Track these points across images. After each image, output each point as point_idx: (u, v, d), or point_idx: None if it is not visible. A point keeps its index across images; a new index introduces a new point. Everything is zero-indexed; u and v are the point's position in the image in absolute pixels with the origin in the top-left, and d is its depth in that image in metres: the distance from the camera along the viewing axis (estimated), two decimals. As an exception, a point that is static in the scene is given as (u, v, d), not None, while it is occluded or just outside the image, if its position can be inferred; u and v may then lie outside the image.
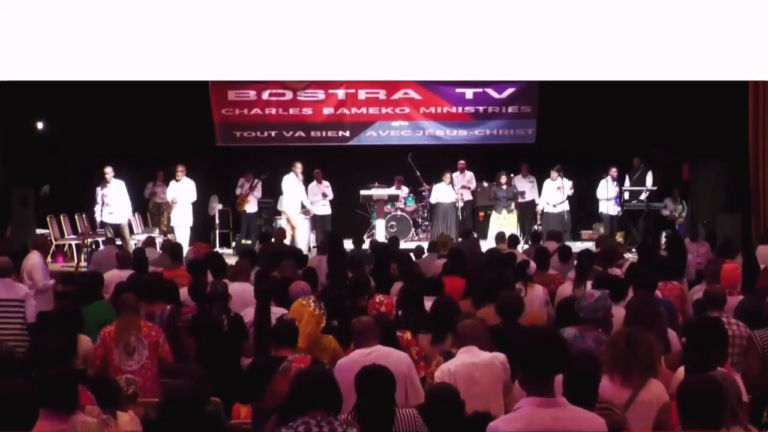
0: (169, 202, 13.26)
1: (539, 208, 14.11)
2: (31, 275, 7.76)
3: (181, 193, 12.97)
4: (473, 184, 14.50)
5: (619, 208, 13.89)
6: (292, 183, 13.30)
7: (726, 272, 6.61)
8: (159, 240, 12.25)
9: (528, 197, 14.29)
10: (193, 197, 13.12)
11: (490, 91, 15.36)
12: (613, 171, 13.84)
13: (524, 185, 14.36)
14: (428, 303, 5.78)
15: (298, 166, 13.39)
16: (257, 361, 5.03)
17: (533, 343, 3.15)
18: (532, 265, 7.26)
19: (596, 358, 3.93)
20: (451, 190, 14.10)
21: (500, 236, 10.86)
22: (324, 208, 14.06)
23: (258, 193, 14.39)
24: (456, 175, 14.36)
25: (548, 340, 3.18)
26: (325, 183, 14.13)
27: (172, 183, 13.15)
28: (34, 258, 7.97)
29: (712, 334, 4.32)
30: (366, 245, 11.08)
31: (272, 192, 14.37)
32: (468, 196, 14.37)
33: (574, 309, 5.05)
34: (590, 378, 3.65)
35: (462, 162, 14.49)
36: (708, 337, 4.25)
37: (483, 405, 3.86)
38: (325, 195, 14.02)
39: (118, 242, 11.51)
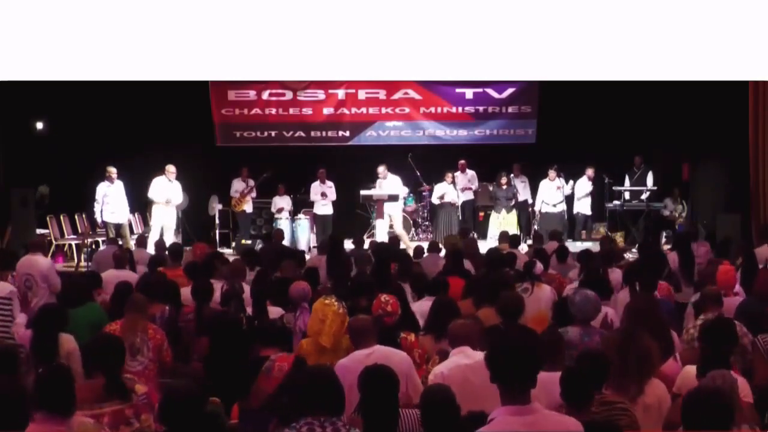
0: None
1: (536, 209, 14.08)
2: (47, 278, 7.73)
3: (172, 195, 12.86)
4: (475, 184, 14.46)
5: (587, 210, 13.91)
6: None
7: (721, 274, 6.61)
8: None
9: (521, 197, 14.26)
10: (179, 199, 13.04)
11: (490, 91, 15.36)
12: (590, 171, 13.82)
13: (517, 185, 14.32)
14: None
15: None
16: (243, 362, 5.01)
17: (509, 350, 3.05)
18: (539, 265, 7.27)
19: (601, 357, 3.92)
20: (453, 190, 14.08)
21: (503, 236, 10.84)
22: (324, 208, 14.05)
23: (253, 192, 14.34)
24: (457, 174, 14.32)
25: (526, 347, 3.08)
26: (329, 183, 14.09)
27: (164, 181, 12.82)
28: (46, 262, 7.95)
29: (727, 334, 4.32)
30: (366, 245, 11.07)
31: (270, 192, 14.38)
32: (469, 196, 14.35)
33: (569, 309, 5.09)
34: (591, 379, 3.63)
35: (462, 161, 14.45)
36: (723, 337, 4.26)
37: (478, 407, 3.85)
38: (324, 195, 13.99)
39: (120, 242, 11.50)
